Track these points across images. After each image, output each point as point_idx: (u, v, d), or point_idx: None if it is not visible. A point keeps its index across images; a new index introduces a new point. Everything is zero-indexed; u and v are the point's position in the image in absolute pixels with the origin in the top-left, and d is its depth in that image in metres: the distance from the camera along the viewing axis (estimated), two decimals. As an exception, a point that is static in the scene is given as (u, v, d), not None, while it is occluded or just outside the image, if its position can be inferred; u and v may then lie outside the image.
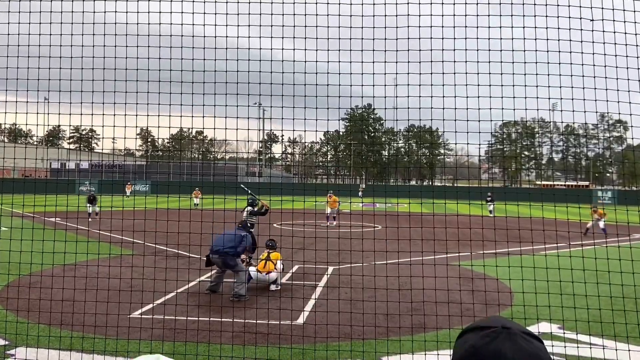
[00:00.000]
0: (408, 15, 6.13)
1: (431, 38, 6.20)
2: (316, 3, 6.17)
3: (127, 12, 6.23)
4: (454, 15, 6.26)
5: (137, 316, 7.84)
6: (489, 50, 6.23)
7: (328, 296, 9.14)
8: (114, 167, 69.79)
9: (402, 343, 6.52)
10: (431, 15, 6.19)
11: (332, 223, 22.96)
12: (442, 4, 6.36)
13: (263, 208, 12.85)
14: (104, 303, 7.41)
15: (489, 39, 6.22)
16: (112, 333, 6.85)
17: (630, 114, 7.08)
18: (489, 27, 6.27)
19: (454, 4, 6.38)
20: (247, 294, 9.39)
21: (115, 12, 6.30)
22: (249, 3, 6.21)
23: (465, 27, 6.32)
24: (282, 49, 6.27)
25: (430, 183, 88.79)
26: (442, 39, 6.33)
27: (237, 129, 6.64)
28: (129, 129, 6.43)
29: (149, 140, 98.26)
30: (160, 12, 6.12)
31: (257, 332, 7.04)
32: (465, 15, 6.27)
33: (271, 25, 6.23)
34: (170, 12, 6.04)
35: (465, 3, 6.33)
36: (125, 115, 6.35)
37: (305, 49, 6.31)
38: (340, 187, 64.60)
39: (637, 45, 6.89)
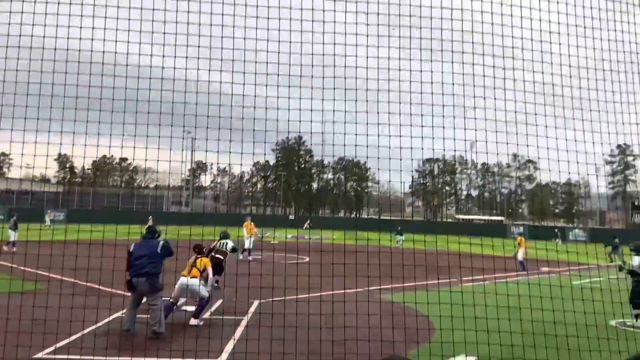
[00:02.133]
0: (334, 55, 6.30)
1: (356, 78, 6.38)
2: (256, 40, 6.20)
3: (56, 37, 5.94)
4: (378, 57, 6.51)
5: (39, 357, 7.15)
6: (410, 92, 6.50)
7: (251, 333, 8.85)
8: (28, 193, 65.03)
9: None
10: (356, 56, 6.40)
11: (247, 257, 21.40)
12: (367, 46, 6.60)
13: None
14: (1, 346, 6.70)
15: (410, 82, 6.50)
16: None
17: (539, 157, 7.59)
18: (410, 70, 6.57)
19: (377, 46, 6.63)
20: (166, 331, 8.88)
21: (44, 37, 5.98)
22: (187, 35, 6.13)
23: (388, 69, 6.58)
24: (220, 82, 6.21)
25: (357, 215, 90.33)
26: (367, 79, 6.53)
27: (170, 161, 6.41)
28: (45, 153, 6.02)
29: (68, 166, 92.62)
30: (80, 39, 5.88)
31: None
32: (388, 58, 6.53)
33: (209, 59, 6.15)
34: (91, 39, 5.81)
35: (389, 46, 6.61)
36: (48, 143, 5.98)
37: (244, 84, 6.27)
38: (265, 218, 64.14)
39: (543, 94, 7.46)
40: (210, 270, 10.18)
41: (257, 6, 6.17)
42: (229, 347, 8.19)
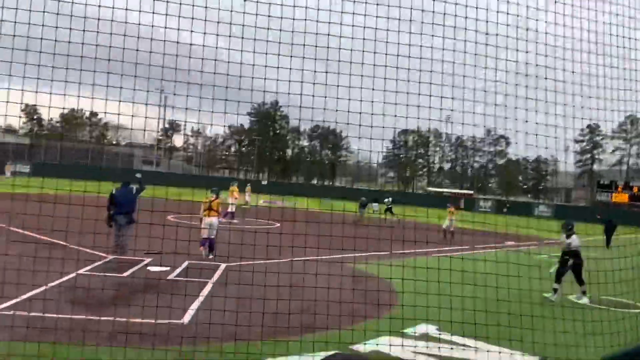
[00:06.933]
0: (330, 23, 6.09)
1: (334, 36, 6.20)
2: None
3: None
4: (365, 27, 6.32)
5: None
6: (386, 54, 6.37)
7: (218, 294, 8.83)
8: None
9: (290, 344, 6.44)
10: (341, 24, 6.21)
11: (231, 220, 21.65)
12: (354, 14, 6.40)
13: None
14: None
15: (387, 41, 6.36)
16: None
17: (516, 131, 7.60)
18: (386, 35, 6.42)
19: (364, 15, 6.41)
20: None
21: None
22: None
23: (375, 40, 6.41)
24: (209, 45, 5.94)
25: (331, 183, 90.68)
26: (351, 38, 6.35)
27: (147, 121, 6.16)
28: (11, 104, 5.70)
29: (35, 118, 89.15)
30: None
31: (133, 332, 6.57)
32: (376, 29, 6.35)
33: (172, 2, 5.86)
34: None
35: (377, 16, 6.43)
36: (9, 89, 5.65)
37: (228, 37, 6.02)
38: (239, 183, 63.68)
39: (526, 63, 7.40)
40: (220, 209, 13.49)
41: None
42: (195, 305, 8.17)
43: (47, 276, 7.64)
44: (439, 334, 7.33)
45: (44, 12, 5.30)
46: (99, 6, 5.57)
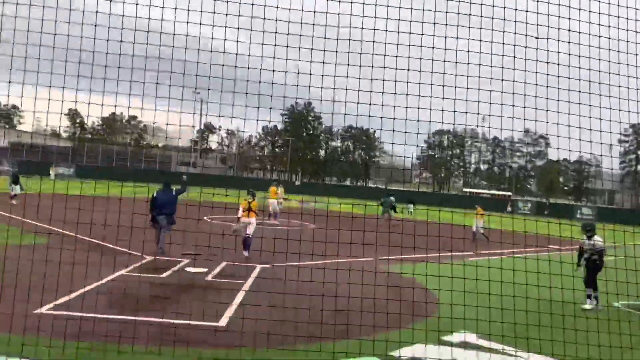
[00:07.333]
0: (351, 26, 6.09)
1: (372, 41, 6.18)
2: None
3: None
4: (398, 31, 6.28)
5: (47, 312, 7.23)
6: (420, 58, 6.31)
7: (256, 297, 8.90)
8: (37, 147, 65.01)
9: (335, 350, 6.41)
10: (380, 30, 6.18)
11: (273, 220, 21.99)
12: (387, 19, 6.36)
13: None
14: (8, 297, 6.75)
15: (420, 45, 6.29)
16: (15, 330, 6.20)
17: (558, 136, 7.38)
18: (418, 38, 6.34)
19: (398, 20, 6.37)
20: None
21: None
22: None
23: (410, 45, 6.35)
24: (231, 40, 6.03)
25: (364, 184, 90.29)
26: (385, 43, 6.31)
27: (181, 126, 6.31)
28: (56, 108, 5.94)
29: (78, 121, 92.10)
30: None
31: (172, 334, 6.68)
32: (410, 33, 6.30)
33: (213, 12, 5.96)
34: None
35: (411, 21, 6.38)
36: (63, 101, 5.87)
37: (264, 44, 6.09)
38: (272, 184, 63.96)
39: (568, 66, 7.19)
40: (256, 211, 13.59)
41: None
42: (229, 310, 8.21)
43: (89, 277, 7.84)
44: (489, 344, 7.13)
45: (95, 25, 5.49)
46: (148, 18, 5.73)
